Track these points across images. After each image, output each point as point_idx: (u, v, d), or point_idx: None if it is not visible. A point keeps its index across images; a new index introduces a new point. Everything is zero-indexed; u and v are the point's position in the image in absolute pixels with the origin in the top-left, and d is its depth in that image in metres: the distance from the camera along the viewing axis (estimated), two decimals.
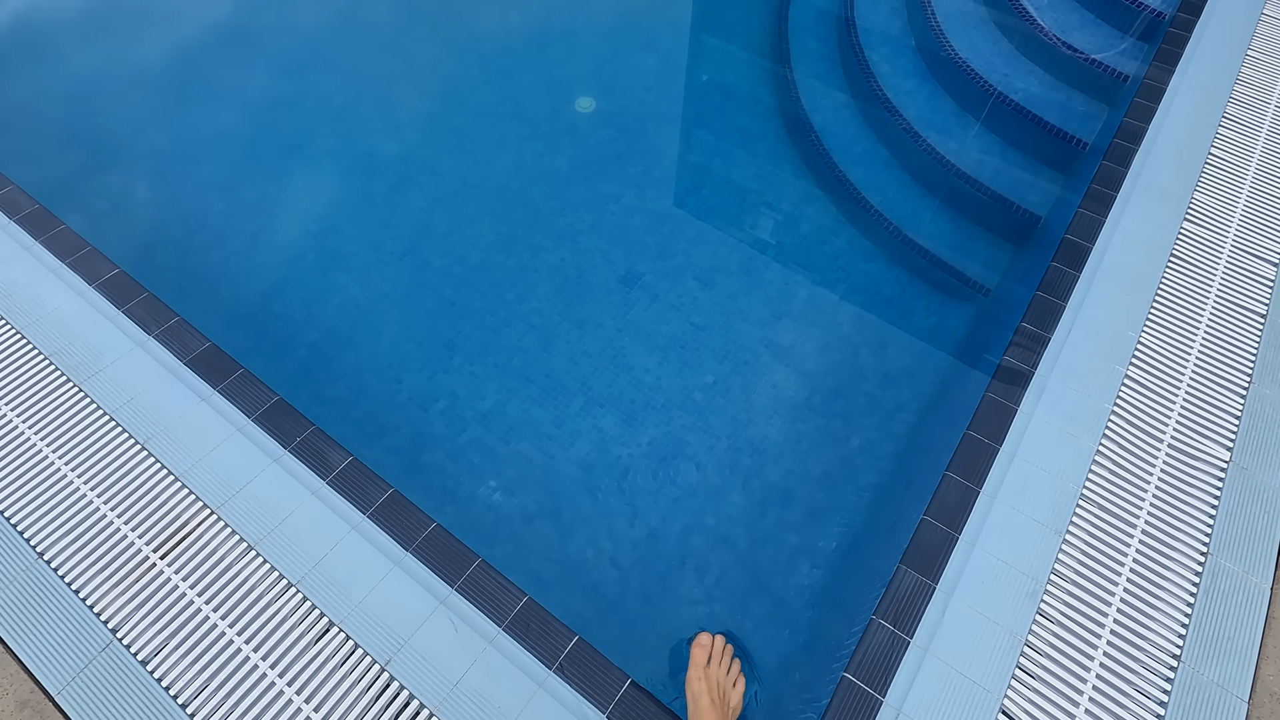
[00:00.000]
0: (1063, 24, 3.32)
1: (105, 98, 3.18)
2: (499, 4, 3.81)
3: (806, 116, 3.19)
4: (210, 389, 1.88)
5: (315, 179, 3.01)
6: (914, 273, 2.78)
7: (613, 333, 2.61)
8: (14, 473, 1.73)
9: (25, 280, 2.06)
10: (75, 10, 3.53)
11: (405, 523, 1.70)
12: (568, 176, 3.08)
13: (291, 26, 3.61)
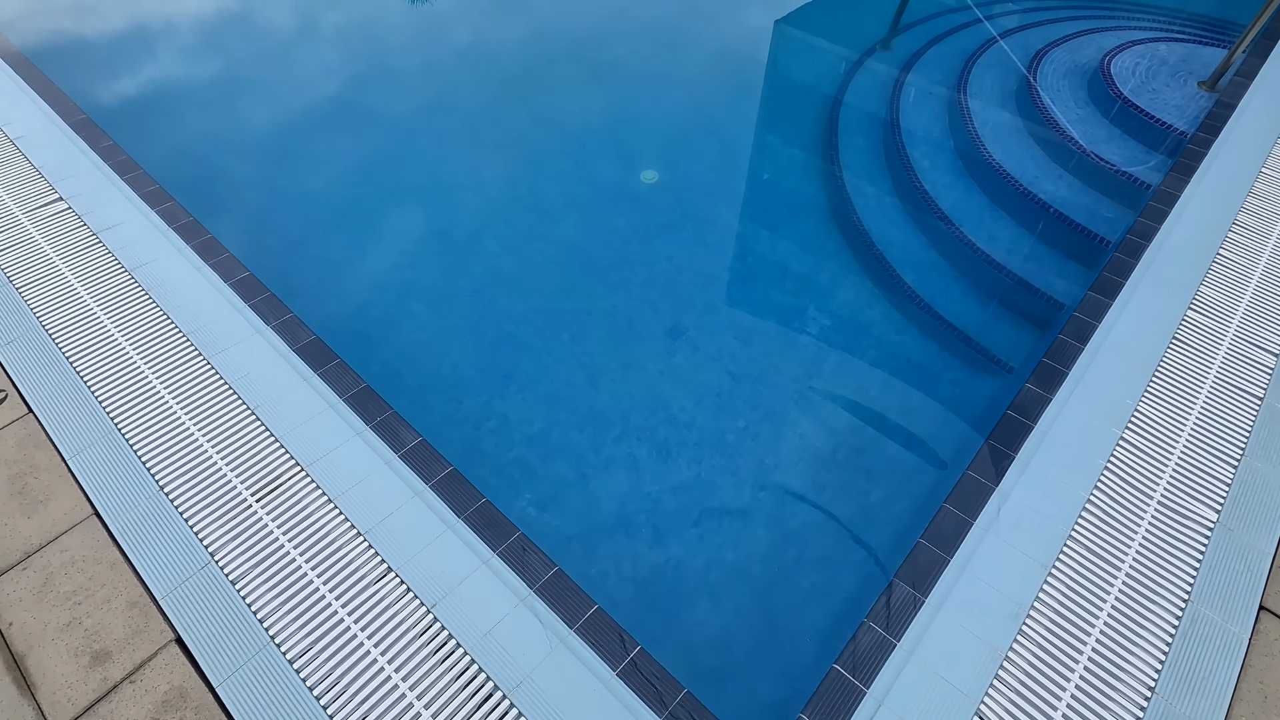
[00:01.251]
0: (1091, 136, 3.63)
1: (235, 150, 3.77)
2: (583, 88, 4.36)
3: (849, 200, 3.52)
4: (312, 372, 2.23)
5: (404, 222, 3.44)
6: (943, 347, 2.98)
7: (654, 376, 2.87)
8: (147, 422, 2.08)
9: (175, 274, 2.50)
10: (209, 82, 4.22)
11: (458, 495, 1.97)
12: (627, 235, 3.45)
13: (399, 98, 4.21)
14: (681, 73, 4.50)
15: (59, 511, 1.91)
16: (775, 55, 4.72)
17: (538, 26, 4.95)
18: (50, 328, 2.33)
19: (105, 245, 2.61)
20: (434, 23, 4.97)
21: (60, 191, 2.81)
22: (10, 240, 2.61)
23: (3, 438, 2.06)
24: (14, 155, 2.96)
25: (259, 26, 4.73)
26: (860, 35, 4.77)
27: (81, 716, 1.59)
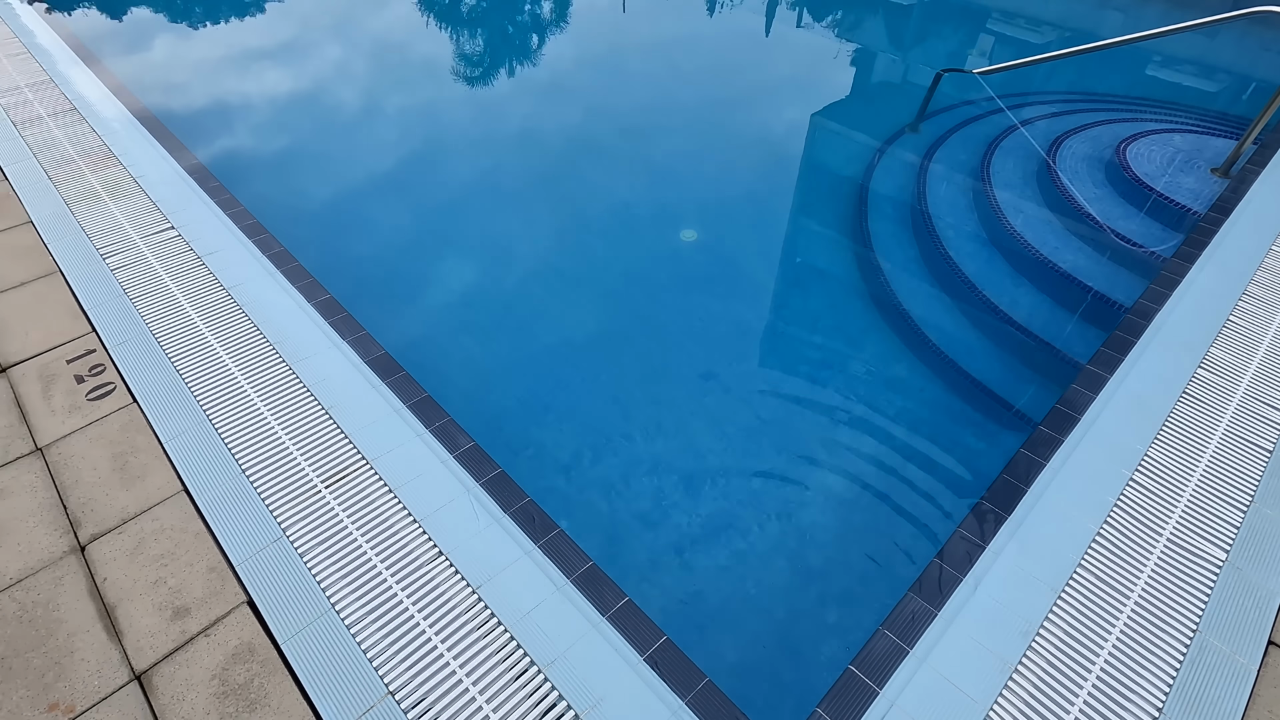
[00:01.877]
0: (1108, 214, 3.84)
1: (319, 196, 4.20)
2: (628, 152, 4.77)
3: (877, 263, 3.76)
4: (380, 381, 2.48)
5: (461, 267, 3.76)
6: (966, 401, 3.12)
7: (686, 415, 3.06)
8: (234, 414, 2.34)
9: (266, 294, 2.82)
10: (299, 139, 4.74)
11: (505, 493, 2.15)
12: (665, 286, 3.72)
13: (464, 162, 4.66)
14: (722, 148, 4.90)
15: (153, 486, 2.15)
16: (812, 135, 5.10)
17: (588, 104, 5.45)
18: (157, 333, 2.64)
19: (207, 267, 2.96)
20: (494, 100, 5.50)
21: (172, 222, 3.20)
22: (128, 260, 2.98)
23: (110, 422, 2.33)
24: (136, 191, 3.40)
25: (341, 96, 5.31)
26: (889, 122, 5.14)
27: (161, 662, 1.77)
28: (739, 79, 6.04)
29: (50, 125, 3.88)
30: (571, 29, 7.02)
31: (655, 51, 6.54)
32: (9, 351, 2.57)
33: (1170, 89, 5.58)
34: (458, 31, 6.86)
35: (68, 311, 2.74)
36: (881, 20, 7.25)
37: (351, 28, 6.64)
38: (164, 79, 5.14)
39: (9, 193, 3.37)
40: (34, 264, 2.96)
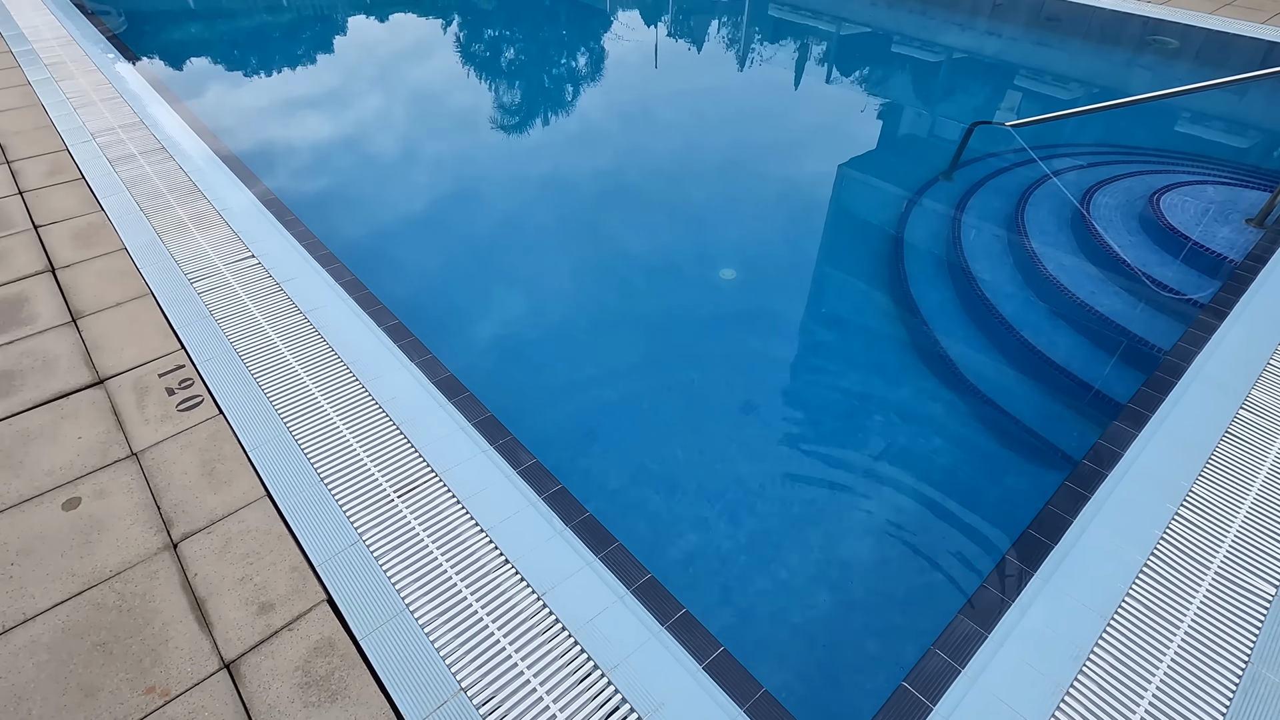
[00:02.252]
0: (1143, 260, 3.93)
1: (384, 230, 4.46)
2: (667, 194, 4.98)
3: (914, 302, 3.87)
4: (446, 400, 2.63)
5: (510, 300, 3.93)
6: (1006, 440, 3.18)
7: (726, 444, 3.16)
8: (311, 427, 2.50)
9: (339, 318, 3.01)
10: (367, 180, 5.04)
11: (566, 507, 2.26)
12: (706, 321, 3.86)
13: (513, 201, 4.91)
14: (759, 195, 5.10)
15: (239, 491, 2.30)
16: (843, 184, 5.29)
17: (631, 152, 5.71)
18: (240, 351, 2.83)
19: (285, 292, 3.17)
20: (543, 145, 5.79)
21: (252, 250, 3.44)
22: (214, 285, 3.21)
23: (199, 431, 2.50)
24: (219, 222, 3.66)
25: (400, 138, 5.64)
26: (921, 171, 5.31)
27: (248, 653, 1.88)
28: (773, 128, 6.29)
29: (141, 162, 4.20)
30: (619, 85, 7.38)
31: (694, 102, 6.84)
32: (107, 365, 2.78)
33: (1201, 143, 5.70)
34: (510, 83, 7.25)
35: (159, 330, 2.95)
36: (909, 75, 7.51)
37: (407, 77, 7.06)
38: (242, 121, 5.52)
39: (105, 222, 3.65)
40: (128, 286, 3.20)
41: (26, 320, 3.00)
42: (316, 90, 6.29)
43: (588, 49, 8.24)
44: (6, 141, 4.40)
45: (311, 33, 8.34)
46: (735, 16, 9.38)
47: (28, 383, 2.70)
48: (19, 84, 5.22)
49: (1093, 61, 7.58)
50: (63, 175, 4.06)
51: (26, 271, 3.28)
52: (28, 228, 3.59)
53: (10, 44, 5.95)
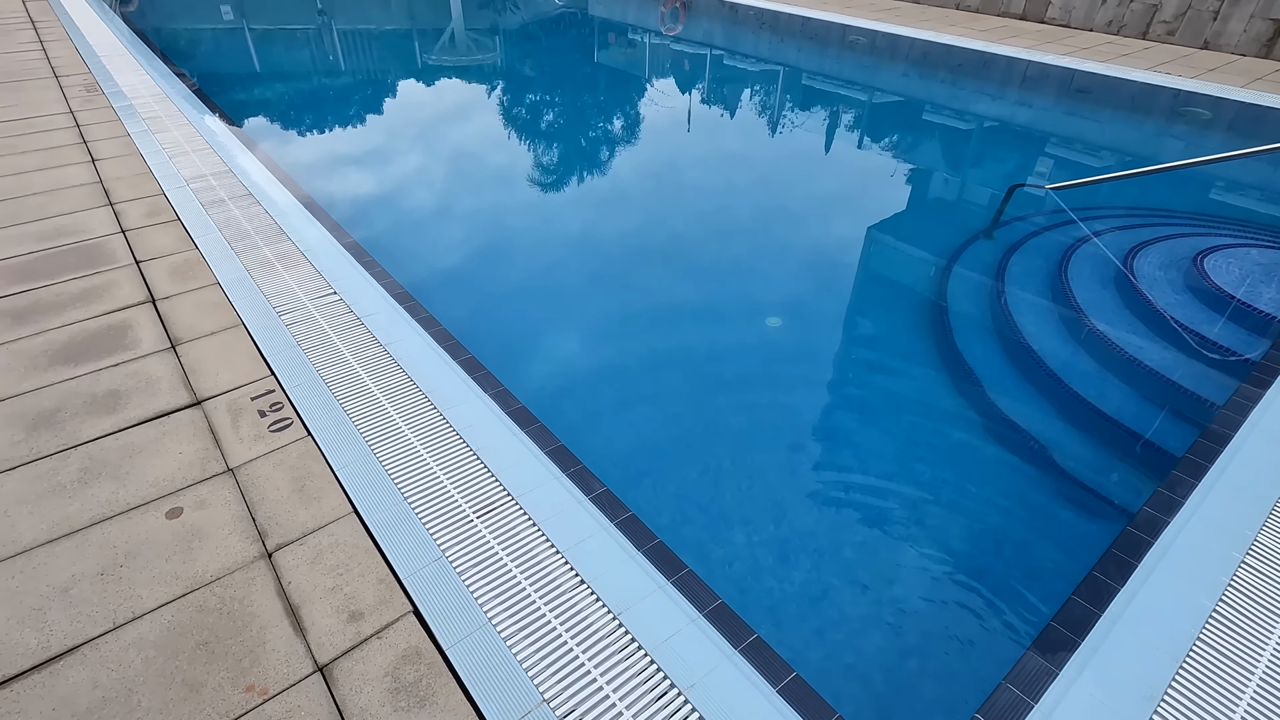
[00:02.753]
0: (1191, 318, 3.99)
1: (452, 270, 4.70)
2: (714, 245, 5.18)
3: (960, 353, 3.96)
4: (520, 429, 2.77)
5: (565, 342, 4.10)
6: (1059, 488, 3.20)
7: (776, 487, 3.23)
8: (394, 449, 2.64)
9: (416, 350, 3.20)
10: (414, 234, 5.32)
11: (638, 533, 2.35)
12: (753, 365, 3.97)
13: (568, 253, 5.15)
14: (800, 249, 5.28)
15: (328, 507, 2.43)
16: (882, 239, 5.46)
17: (681, 205, 5.97)
18: (326, 379, 3.02)
19: (365, 326, 3.38)
20: (600, 199, 6.08)
21: (334, 288, 3.68)
22: (300, 318, 3.43)
23: (289, 451, 2.66)
24: (302, 261, 3.93)
25: (468, 186, 5.97)
26: (959, 232, 5.47)
27: (340, 658, 1.98)
28: (811, 191, 6.53)
29: (230, 207, 4.54)
30: (677, 147, 7.75)
31: (738, 165, 7.15)
32: (203, 387, 2.98)
33: (1240, 208, 5.79)
34: (570, 140, 7.66)
35: (250, 358, 3.16)
36: (939, 142, 7.77)
37: (470, 132, 7.51)
38: (321, 170, 5.93)
39: (199, 259, 3.93)
40: (221, 317, 3.44)
41: (130, 345, 3.23)
42: (389, 143, 6.73)
43: (653, 114, 8.67)
44: (110, 186, 4.78)
45: (381, 91, 8.93)
46: (769, 84, 9.83)
47: (132, 401, 2.90)
48: (120, 135, 5.68)
49: (1123, 131, 7.79)
50: (160, 217, 4.40)
51: (130, 301, 3.54)
52: (129, 263, 3.89)
53: (111, 99, 6.49)
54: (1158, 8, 9.46)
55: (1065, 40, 9.63)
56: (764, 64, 10.72)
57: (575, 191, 6.26)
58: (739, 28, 12.11)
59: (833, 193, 6.51)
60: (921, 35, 10.10)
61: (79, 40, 8.53)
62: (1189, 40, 9.34)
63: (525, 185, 6.26)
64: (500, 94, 9.42)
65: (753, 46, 11.51)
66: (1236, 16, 8.87)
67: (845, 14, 11.39)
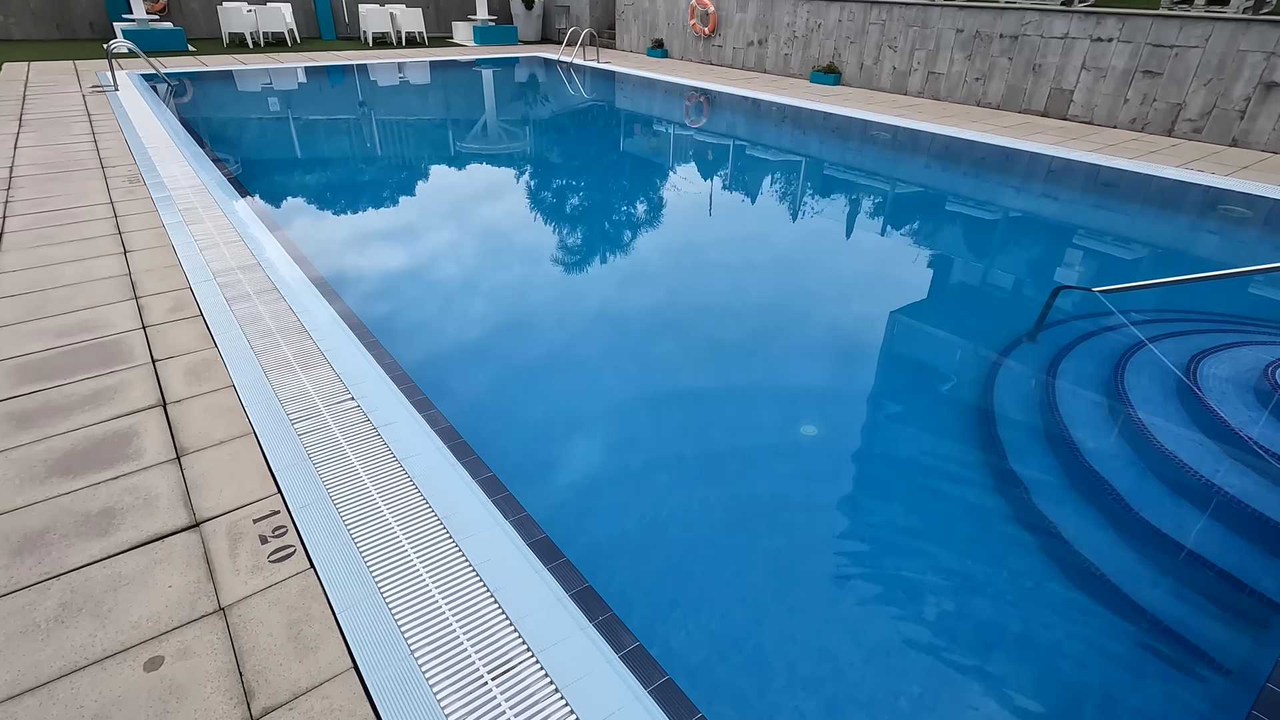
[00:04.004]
0: (1271, 439, 3.66)
1: (475, 376, 4.55)
2: (744, 350, 4.98)
3: (1012, 470, 3.66)
4: (543, 566, 2.50)
5: (589, 452, 3.86)
6: (1139, 632, 2.84)
7: (820, 624, 2.89)
8: (404, 589, 2.38)
9: (434, 468, 2.98)
10: (435, 339, 5.23)
11: (675, 704, 2.04)
12: (789, 482, 3.69)
13: (587, 348, 4.99)
14: (844, 344, 5.08)
15: (325, 660, 2.15)
16: (914, 335, 5.25)
17: (711, 302, 5.85)
18: (336, 499, 2.80)
19: (382, 438, 3.18)
20: (607, 306, 5.98)
21: (353, 393, 3.52)
22: (314, 426, 3.25)
23: (288, 586, 2.41)
24: (322, 363, 3.79)
25: (495, 286, 5.92)
26: (1004, 332, 5.25)
27: None
28: (845, 289, 6.40)
29: (255, 302, 4.47)
30: (693, 237, 7.75)
31: (773, 263, 7.08)
32: (205, 506, 2.77)
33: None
34: (577, 226, 7.68)
35: (258, 471, 2.96)
36: (960, 230, 7.68)
37: (507, 230, 7.56)
38: (349, 268, 5.91)
39: (217, 358, 3.82)
40: (232, 424, 3.27)
41: (134, 455, 3.06)
42: (417, 243, 6.76)
43: (665, 199, 8.75)
44: (139, 279, 4.77)
45: (418, 185, 9.14)
46: (791, 173, 9.94)
47: (126, 521, 2.69)
48: (155, 226, 5.75)
49: (1158, 228, 7.66)
50: (184, 312, 4.33)
51: (141, 405, 3.40)
52: (146, 361, 3.78)
53: (152, 190, 6.65)
54: (1182, 106, 9.53)
55: (1090, 137, 9.68)
56: (786, 154, 10.91)
57: (606, 295, 6.19)
58: (761, 120, 12.43)
59: (862, 290, 6.37)
60: (944, 131, 10.23)
61: (129, 132, 8.89)
62: (1216, 138, 9.34)
63: (551, 289, 6.21)
64: (530, 183, 9.60)
65: (775, 138, 11.76)
66: (1264, 115, 8.88)
67: (867, 109, 11.64)
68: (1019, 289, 6.30)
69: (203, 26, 19.13)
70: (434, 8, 21.42)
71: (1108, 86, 10.14)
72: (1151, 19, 9.52)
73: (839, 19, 13.51)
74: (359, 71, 16.23)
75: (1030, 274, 6.61)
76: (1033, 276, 6.53)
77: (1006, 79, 11.29)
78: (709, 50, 16.58)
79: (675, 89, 14.52)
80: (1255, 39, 8.70)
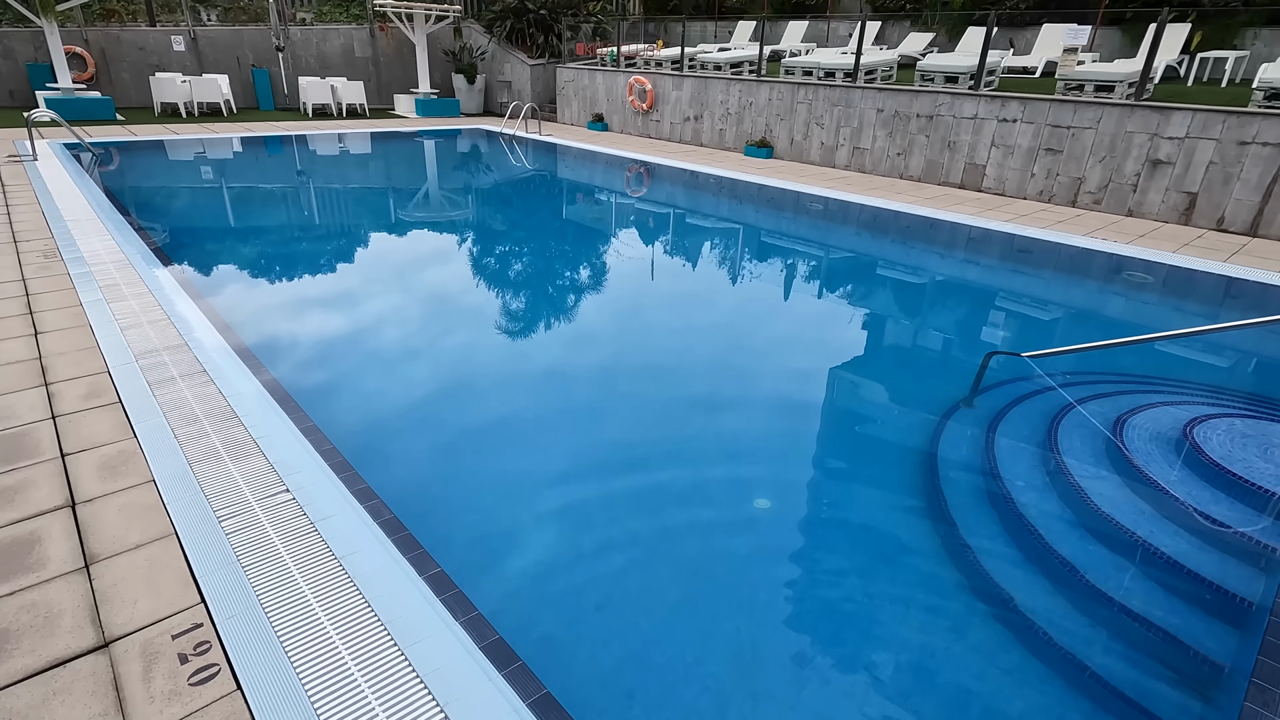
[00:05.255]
0: (1197, 498, 3.85)
1: (421, 463, 4.37)
2: (693, 420, 4.98)
3: (963, 539, 3.71)
4: (496, 672, 2.34)
5: (538, 532, 3.70)
6: (1097, 703, 2.85)
7: (786, 710, 2.81)
8: (344, 711, 2.18)
9: (377, 565, 2.80)
10: (382, 425, 5.06)
11: None
12: (746, 559, 3.63)
13: (535, 425, 4.90)
14: (790, 421, 5.14)
15: None
16: (837, 390, 5.37)
17: (650, 369, 5.85)
18: (267, 606, 2.58)
19: (320, 533, 2.98)
20: (559, 390, 5.94)
21: (288, 484, 3.31)
22: (244, 524, 3.02)
23: (210, 714, 2.17)
24: (255, 451, 3.57)
25: (447, 374, 5.78)
26: (945, 396, 5.44)
27: None
28: (791, 346, 6.55)
29: (181, 385, 4.21)
30: (632, 306, 7.82)
31: (708, 320, 7.20)
32: (115, 623, 2.50)
33: (1219, 375, 5.95)
34: (522, 297, 7.67)
35: (179, 578, 2.71)
36: (892, 293, 8.04)
37: (458, 310, 7.46)
38: (287, 347, 5.67)
39: (136, 450, 3.54)
40: (151, 524, 3.01)
41: (35, 565, 2.76)
42: (359, 318, 6.57)
43: (611, 267, 8.85)
44: (50, 363, 4.44)
45: (357, 258, 8.97)
46: (730, 240, 10.27)
47: (22, 645, 2.40)
48: (71, 305, 5.42)
49: (1069, 289, 8.23)
50: (100, 399, 4.03)
51: (45, 507, 3.10)
52: (54, 456, 3.47)
53: (70, 266, 6.30)
54: (1082, 180, 10.39)
55: (1005, 208, 10.41)
56: (725, 222, 11.30)
57: (553, 366, 6.13)
58: (700, 191, 12.89)
59: (804, 355, 6.52)
60: (871, 202, 10.83)
61: (47, 204, 8.49)
62: (1114, 209, 10.19)
63: (495, 362, 6.11)
64: (472, 253, 9.58)
65: (714, 208, 12.19)
66: (1154, 189, 9.77)
67: (799, 181, 12.25)
68: (949, 352, 6.57)
69: (133, 96, 18.75)
70: (375, 80, 21.68)
71: (1016, 162, 11.00)
72: (1049, 103, 10.46)
73: (769, 98, 14.34)
74: (297, 142, 16.12)
75: (960, 337, 6.92)
76: (962, 339, 6.84)
77: (925, 154, 12.12)
78: (648, 124, 17.26)
79: (616, 160, 14.96)
80: (1139, 122, 9.65)
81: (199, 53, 19.21)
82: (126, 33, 18.43)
